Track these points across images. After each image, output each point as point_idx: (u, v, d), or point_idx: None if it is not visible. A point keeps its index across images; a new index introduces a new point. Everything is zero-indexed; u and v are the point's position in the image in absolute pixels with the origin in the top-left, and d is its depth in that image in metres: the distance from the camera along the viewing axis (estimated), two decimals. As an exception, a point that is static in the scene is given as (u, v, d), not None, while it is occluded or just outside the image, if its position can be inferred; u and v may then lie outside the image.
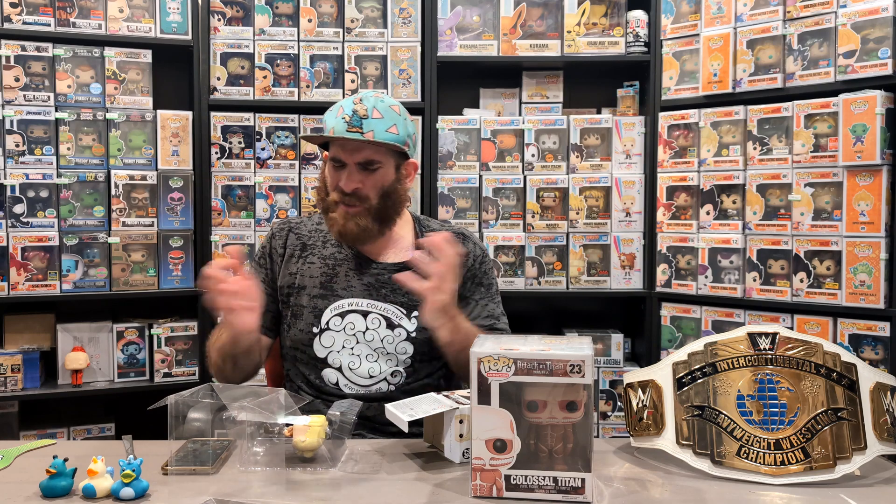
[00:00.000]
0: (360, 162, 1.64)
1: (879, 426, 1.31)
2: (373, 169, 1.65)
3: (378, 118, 1.62)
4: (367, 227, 1.66)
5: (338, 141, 1.64)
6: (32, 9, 2.71)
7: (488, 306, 1.75)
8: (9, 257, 2.66)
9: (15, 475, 1.33)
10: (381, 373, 1.68)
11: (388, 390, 1.69)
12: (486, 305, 1.75)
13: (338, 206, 1.66)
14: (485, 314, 1.73)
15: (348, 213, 1.65)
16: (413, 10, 2.93)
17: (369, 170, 1.65)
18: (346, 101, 1.65)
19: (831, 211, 2.49)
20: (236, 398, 1.34)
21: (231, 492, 1.23)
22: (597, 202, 2.93)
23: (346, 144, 1.63)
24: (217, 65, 2.87)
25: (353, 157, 1.64)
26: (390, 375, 1.69)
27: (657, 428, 1.37)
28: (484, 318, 1.73)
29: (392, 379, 1.69)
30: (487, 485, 1.21)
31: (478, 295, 1.75)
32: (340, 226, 1.65)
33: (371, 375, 1.68)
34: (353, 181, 1.63)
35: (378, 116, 1.62)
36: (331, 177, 1.68)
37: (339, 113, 1.63)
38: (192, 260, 2.88)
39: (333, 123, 1.62)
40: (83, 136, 2.76)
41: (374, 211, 1.66)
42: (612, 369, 2.96)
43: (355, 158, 1.64)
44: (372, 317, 1.69)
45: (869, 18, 2.40)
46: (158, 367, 2.86)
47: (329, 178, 1.68)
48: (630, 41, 2.94)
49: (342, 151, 1.64)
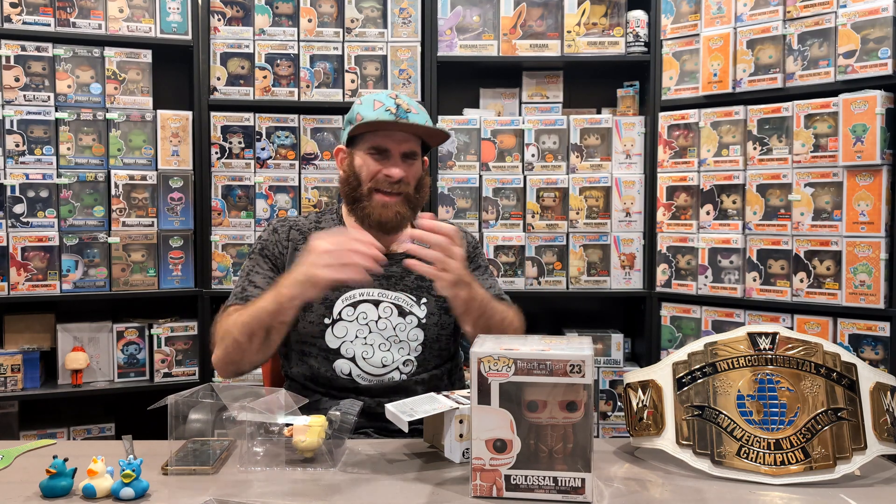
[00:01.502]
0: (405, 152, 1.72)
1: (879, 426, 1.31)
2: (413, 160, 1.74)
3: (416, 113, 1.72)
4: (405, 216, 1.72)
5: (388, 128, 1.69)
6: (32, 9, 2.71)
7: (488, 281, 1.81)
8: (9, 257, 2.66)
9: (15, 475, 1.33)
10: (394, 361, 1.70)
11: (399, 380, 1.70)
12: (487, 280, 1.81)
13: (373, 194, 1.71)
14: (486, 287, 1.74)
15: (387, 202, 1.70)
16: (413, 10, 2.93)
17: (410, 160, 1.73)
18: (379, 97, 1.73)
19: (831, 211, 2.49)
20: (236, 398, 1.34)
21: (231, 492, 1.23)
22: (597, 202, 2.93)
23: (394, 135, 1.70)
24: (217, 65, 2.87)
25: (400, 146, 1.71)
26: (402, 364, 1.70)
27: (657, 428, 1.37)
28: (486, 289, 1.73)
29: (404, 368, 1.71)
30: (487, 485, 1.21)
31: (477, 273, 1.80)
32: (379, 214, 1.70)
33: (384, 364, 1.70)
34: (400, 170, 1.70)
35: (416, 112, 1.72)
36: (369, 166, 1.71)
37: (378, 107, 1.70)
38: (192, 260, 2.88)
39: (376, 115, 1.68)
40: (83, 136, 2.77)
41: (411, 200, 1.73)
42: (612, 369, 2.96)
43: (402, 148, 1.71)
44: (384, 305, 1.72)
45: (869, 18, 2.40)
46: (158, 367, 2.86)
47: (367, 167, 1.72)
48: (630, 41, 2.94)
49: (389, 140, 1.70)
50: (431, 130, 1.74)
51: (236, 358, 1.61)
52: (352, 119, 1.74)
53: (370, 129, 1.71)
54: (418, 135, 1.75)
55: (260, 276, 1.72)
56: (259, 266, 1.75)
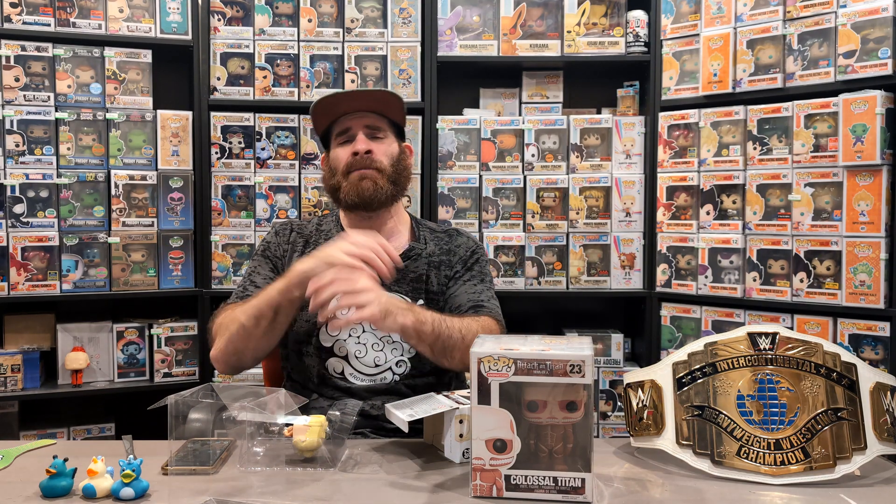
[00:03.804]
0: (368, 126, 1.74)
1: (879, 426, 1.31)
2: (379, 137, 1.75)
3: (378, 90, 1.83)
4: (382, 187, 1.72)
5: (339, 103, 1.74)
6: (32, 9, 2.71)
7: (477, 286, 1.75)
8: (9, 257, 2.66)
9: (15, 475, 1.33)
10: (387, 361, 1.69)
11: (392, 381, 1.69)
12: (475, 286, 1.74)
13: (350, 173, 1.72)
14: (470, 292, 1.72)
15: (363, 174, 1.71)
16: (413, 10, 2.93)
17: (377, 138, 1.75)
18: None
19: (831, 211, 2.49)
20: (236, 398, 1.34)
21: (231, 492, 1.23)
22: (597, 202, 2.93)
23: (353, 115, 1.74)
24: (217, 65, 2.87)
25: (360, 121, 1.74)
26: (395, 365, 1.70)
27: (657, 428, 1.37)
28: (470, 294, 1.71)
29: (397, 369, 1.70)
30: (487, 485, 1.21)
31: (466, 276, 1.76)
32: (357, 188, 1.70)
33: (377, 364, 1.69)
34: (365, 143, 1.72)
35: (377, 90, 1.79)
36: (340, 154, 1.75)
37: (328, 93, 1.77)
38: (192, 260, 2.88)
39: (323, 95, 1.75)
40: (83, 136, 2.77)
41: (389, 175, 1.74)
42: (612, 369, 2.96)
43: (363, 122, 1.74)
44: None
45: (869, 18, 2.40)
46: (158, 367, 2.86)
47: (339, 155, 1.75)
48: (630, 41, 2.94)
49: (348, 120, 1.74)
50: (381, 95, 1.76)
51: (240, 346, 1.60)
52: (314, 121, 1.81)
53: (324, 113, 1.76)
54: (378, 112, 1.76)
55: (261, 276, 1.74)
56: (261, 267, 1.77)
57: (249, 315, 1.57)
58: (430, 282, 1.75)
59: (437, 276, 1.76)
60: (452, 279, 1.76)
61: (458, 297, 1.72)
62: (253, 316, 1.56)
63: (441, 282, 1.76)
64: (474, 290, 1.73)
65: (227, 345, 1.61)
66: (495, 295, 1.77)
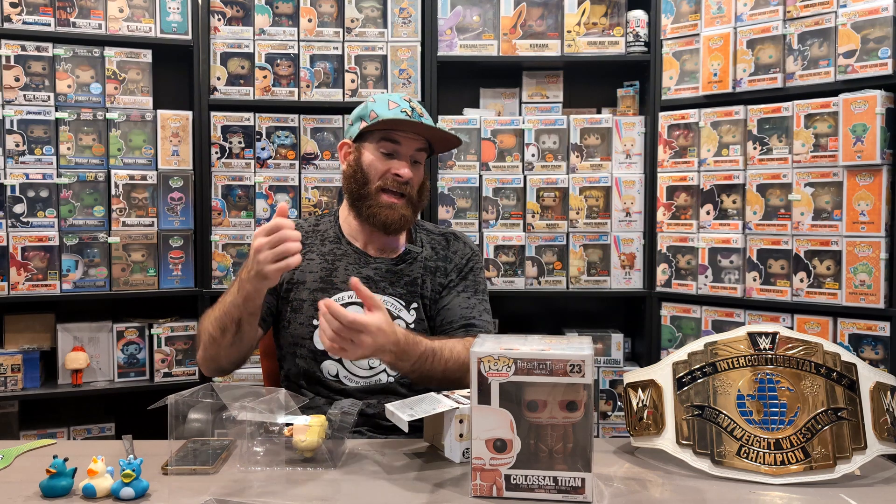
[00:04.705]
0: (417, 149, 1.75)
1: (879, 426, 1.31)
2: (419, 163, 1.76)
3: (427, 119, 1.76)
4: (407, 218, 1.73)
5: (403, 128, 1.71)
6: (32, 9, 2.71)
7: (470, 300, 1.75)
8: (9, 257, 2.66)
9: (15, 475, 1.33)
10: (381, 364, 1.70)
11: (387, 382, 1.70)
12: (468, 299, 1.75)
13: (380, 194, 1.71)
14: (463, 306, 1.73)
15: (393, 203, 1.71)
16: (413, 10, 2.93)
17: (416, 162, 1.76)
18: (393, 97, 1.75)
19: (831, 211, 2.49)
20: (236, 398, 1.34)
21: (231, 492, 1.23)
22: (597, 202, 2.93)
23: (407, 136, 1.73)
24: (217, 65, 2.87)
25: (411, 148, 1.73)
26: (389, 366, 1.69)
27: (657, 428, 1.37)
28: (463, 309, 1.73)
29: (391, 371, 1.70)
30: (487, 484, 1.21)
31: (460, 287, 1.77)
32: (385, 215, 1.70)
33: (371, 366, 1.70)
34: (408, 170, 1.72)
35: (427, 118, 1.76)
36: (379, 164, 1.72)
37: (394, 107, 1.72)
38: (192, 260, 2.88)
39: (392, 115, 1.70)
40: (83, 135, 2.76)
41: (413, 203, 1.74)
42: (612, 369, 2.96)
43: (413, 149, 1.74)
44: None
45: (869, 18, 2.40)
46: (158, 367, 2.86)
47: (376, 165, 1.73)
48: (630, 41, 2.94)
49: (402, 139, 1.72)
50: (445, 134, 1.75)
51: (213, 353, 1.63)
52: (363, 115, 1.75)
53: (385, 127, 1.71)
54: (427, 138, 1.76)
55: None
56: None
57: (216, 326, 1.59)
58: (425, 286, 1.75)
59: (432, 282, 1.76)
60: (446, 287, 1.77)
61: (450, 311, 1.73)
62: (219, 327, 1.59)
63: (435, 289, 1.76)
64: (467, 305, 1.74)
65: (204, 352, 1.65)
66: (489, 306, 1.79)
